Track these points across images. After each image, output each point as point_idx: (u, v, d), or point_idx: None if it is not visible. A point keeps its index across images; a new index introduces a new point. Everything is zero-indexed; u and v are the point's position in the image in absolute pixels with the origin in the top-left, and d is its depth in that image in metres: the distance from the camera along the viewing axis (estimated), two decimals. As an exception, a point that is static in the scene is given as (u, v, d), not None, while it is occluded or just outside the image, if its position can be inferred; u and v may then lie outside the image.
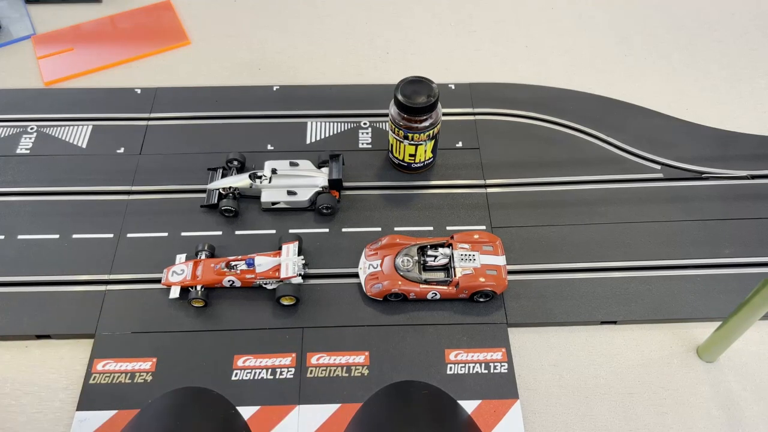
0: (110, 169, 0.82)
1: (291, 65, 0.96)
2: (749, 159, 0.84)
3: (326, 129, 0.87)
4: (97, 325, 0.69)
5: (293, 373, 0.66)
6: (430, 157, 0.80)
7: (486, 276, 0.69)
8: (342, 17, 1.03)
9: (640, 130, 0.87)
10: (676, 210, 0.79)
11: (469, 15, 1.03)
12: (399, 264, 0.70)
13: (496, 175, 0.82)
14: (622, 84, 0.93)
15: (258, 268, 0.70)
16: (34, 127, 0.86)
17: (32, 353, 0.69)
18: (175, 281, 0.70)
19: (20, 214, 0.78)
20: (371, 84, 0.92)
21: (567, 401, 0.66)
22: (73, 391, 0.66)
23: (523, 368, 0.68)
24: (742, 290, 0.70)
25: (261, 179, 0.78)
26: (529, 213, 0.78)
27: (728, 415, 0.65)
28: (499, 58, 0.97)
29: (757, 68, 0.96)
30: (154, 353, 0.67)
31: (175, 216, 0.78)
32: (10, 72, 0.94)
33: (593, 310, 0.71)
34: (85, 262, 0.74)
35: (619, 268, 0.74)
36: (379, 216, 0.78)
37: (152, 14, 1.02)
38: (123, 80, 0.93)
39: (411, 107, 0.72)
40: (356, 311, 0.71)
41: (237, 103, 0.90)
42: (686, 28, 1.02)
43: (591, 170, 0.83)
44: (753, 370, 0.68)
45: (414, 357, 0.67)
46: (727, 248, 0.76)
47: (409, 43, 0.99)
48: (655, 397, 0.66)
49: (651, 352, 0.69)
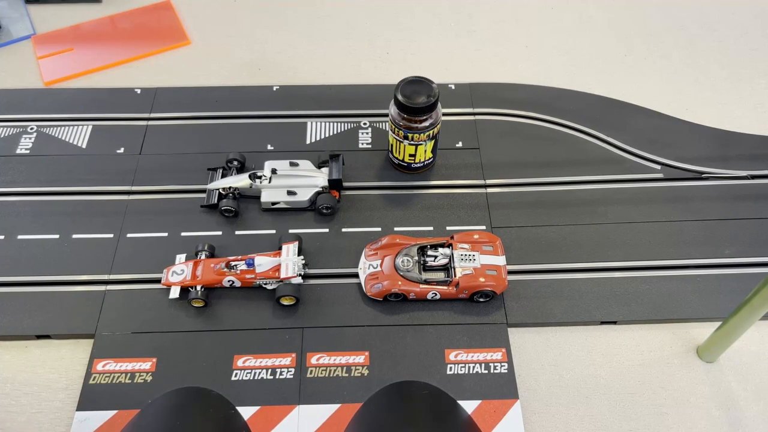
0: (110, 169, 0.82)
1: (291, 65, 0.96)
2: (749, 159, 0.84)
3: (326, 129, 0.87)
4: (97, 325, 0.69)
5: (293, 373, 0.66)
6: (430, 157, 0.80)
7: (486, 276, 0.69)
8: (342, 17, 1.03)
9: (640, 130, 0.87)
10: (676, 210, 0.79)
11: (469, 15, 1.03)
12: (399, 264, 0.70)
13: (496, 175, 0.82)
14: (622, 84, 0.93)
15: (258, 268, 0.70)
16: (34, 127, 0.86)
17: (32, 353, 0.69)
18: (175, 281, 0.70)
19: (20, 214, 0.78)
20: (371, 84, 0.92)
21: (567, 401, 0.66)
22: (73, 391, 0.66)
23: (523, 368, 0.68)
24: (742, 290, 0.70)
25: (261, 179, 0.78)
26: (529, 213, 0.78)
27: (728, 415, 0.65)
28: (499, 58, 0.97)
29: (757, 68, 0.96)
30: (154, 353, 0.67)
31: (175, 216, 0.78)
32: (10, 72, 0.94)
33: (593, 310, 0.71)
34: (85, 262, 0.74)
35: (619, 268, 0.74)
36: (379, 216, 0.78)
37: (152, 14, 1.02)
38: (123, 80, 0.93)
39: (411, 107, 0.72)
40: (356, 311, 0.71)
41: (237, 103, 0.90)
42: (686, 28, 1.02)
43: (591, 170, 0.83)
44: (753, 370, 0.68)
45: (414, 357, 0.67)
46: (728, 248, 0.76)
47: (409, 43, 0.99)
48: (655, 397, 0.66)
49: (651, 352, 0.69)
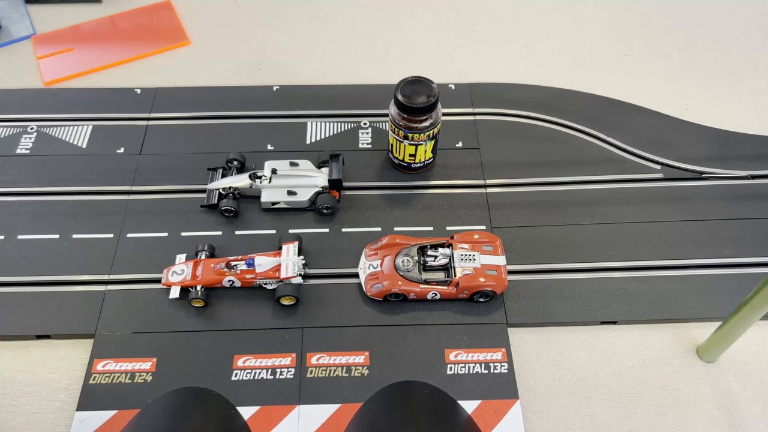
0: (110, 169, 0.82)
1: (291, 65, 0.96)
2: (749, 159, 0.84)
3: (326, 129, 0.87)
4: (97, 325, 0.69)
5: (293, 373, 0.66)
6: (430, 157, 0.80)
7: (486, 276, 0.69)
8: (342, 17, 1.03)
9: (640, 130, 0.87)
10: (676, 210, 0.79)
11: (469, 15, 1.03)
12: (399, 264, 0.70)
13: (496, 175, 0.82)
14: (622, 84, 0.93)
15: (258, 268, 0.70)
16: (34, 127, 0.86)
17: (32, 353, 0.69)
18: (175, 281, 0.70)
19: (20, 214, 0.78)
20: (371, 84, 0.92)
21: (567, 401, 0.66)
22: (73, 391, 0.66)
23: (523, 368, 0.68)
24: (742, 290, 0.70)
25: (261, 179, 0.78)
26: (529, 213, 0.78)
27: (728, 415, 0.65)
28: (499, 58, 0.97)
29: (757, 68, 0.96)
30: (154, 353, 0.67)
31: (175, 216, 0.78)
32: (10, 72, 0.94)
33: (593, 310, 0.71)
34: (85, 262, 0.74)
35: (619, 268, 0.74)
36: (379, 216, 0.78)
37: (152, 14, 1.02)
38: (123, 80, 0.93)
39: (411, 107, 0.72)
40: (356, 311, 0.71)
41: (237, 103, 0.89)
42: (686, 28, 1.02)
43: (591, 170, 0.83)
44: (753, 370, 0.68)
45: (414, 357, 0.67)
46: (728, 248, 0.76)
47: (409, 43, 0.99)
48: (655, 397, 0.66)
49: (651, 352, 0.69)
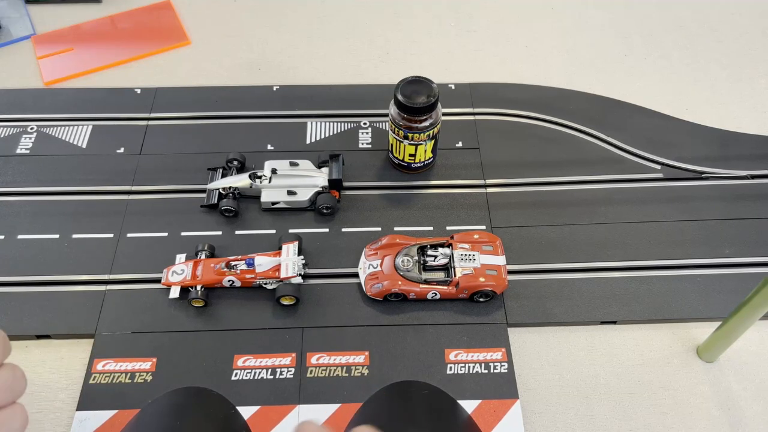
0: (110, 169, 0.82)
1: (291, 65, 0.96)
2: (749, 159, 0.84)
3: (326, 129, 0.87)
4: (97, 325, 0.69)
5: (293, 373, 0.66)
6: (430, 157, 0.80)
7: (486, 276, 0.69)
8: (342, 17, 1.03)
9: (640, 130, 0.87)
10: (676, 210, 0.79)
11: (469, 15, 1.03)
12: (399, 264, 0.70)
13: (496, 175, 0.82)
14: (622, 84, 0.93)
15: (258, 268, 0.70)
16: (34, 127, 0.86)
17: (32, 353, 0.69)
18: (175, 281, 0.70)
19: (20, 214, 0.78)
20: (371, 84, 0.92)
21: (567, 401, 0.66)
22: (73, 391, 0.66)
23: (523, 368, 0.68)
24: (742, 290, 0.70)
25: (261, 179, 0.78)
26: (529, 213, 0.78)
27: (728, 415, 0.65)
28: (499, 58, 0.97)
29: (757, 68, 0.96)
30: (154, 353, 0.67)
31: (175, 216, 0.78)
32: (10, 72, 0.94)
33: (593, 310, 0.71)
34: (85, 262, 0.74)
35: (619, 268, 0.74)
36: (379, 216, 0.78)
37: (152, 14, 1.02)
38: (123, 80, 0.93)
39: (411, 107, 0.72)
40: (356, 311, 0.71)
41: (237, 103, 0.89)
42: (686, 28, 1.02)
43: (591, 170, 0.83)
44: (753, 370, 0.68)
45: (414, 357, 0.67)
46: (728, 248, 0.76)
47: (409, 43, 0.99)
48: (655, 397, 0.66)
49: (651, 352, 0.69)
